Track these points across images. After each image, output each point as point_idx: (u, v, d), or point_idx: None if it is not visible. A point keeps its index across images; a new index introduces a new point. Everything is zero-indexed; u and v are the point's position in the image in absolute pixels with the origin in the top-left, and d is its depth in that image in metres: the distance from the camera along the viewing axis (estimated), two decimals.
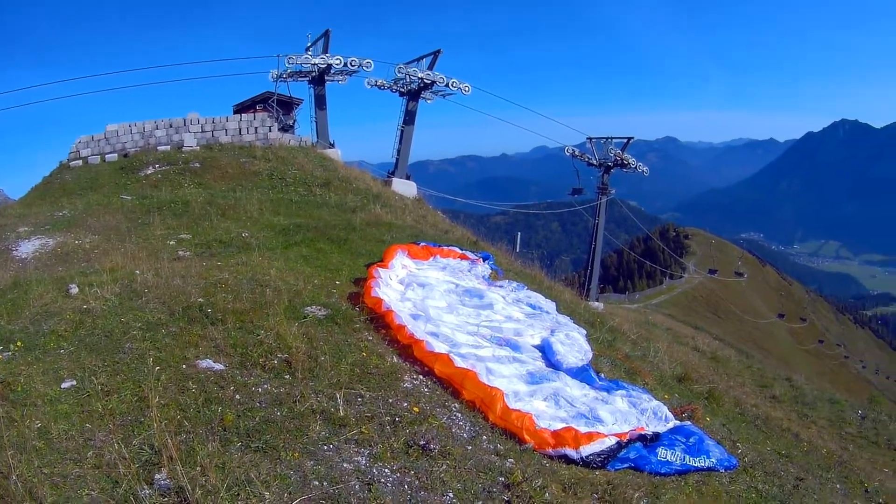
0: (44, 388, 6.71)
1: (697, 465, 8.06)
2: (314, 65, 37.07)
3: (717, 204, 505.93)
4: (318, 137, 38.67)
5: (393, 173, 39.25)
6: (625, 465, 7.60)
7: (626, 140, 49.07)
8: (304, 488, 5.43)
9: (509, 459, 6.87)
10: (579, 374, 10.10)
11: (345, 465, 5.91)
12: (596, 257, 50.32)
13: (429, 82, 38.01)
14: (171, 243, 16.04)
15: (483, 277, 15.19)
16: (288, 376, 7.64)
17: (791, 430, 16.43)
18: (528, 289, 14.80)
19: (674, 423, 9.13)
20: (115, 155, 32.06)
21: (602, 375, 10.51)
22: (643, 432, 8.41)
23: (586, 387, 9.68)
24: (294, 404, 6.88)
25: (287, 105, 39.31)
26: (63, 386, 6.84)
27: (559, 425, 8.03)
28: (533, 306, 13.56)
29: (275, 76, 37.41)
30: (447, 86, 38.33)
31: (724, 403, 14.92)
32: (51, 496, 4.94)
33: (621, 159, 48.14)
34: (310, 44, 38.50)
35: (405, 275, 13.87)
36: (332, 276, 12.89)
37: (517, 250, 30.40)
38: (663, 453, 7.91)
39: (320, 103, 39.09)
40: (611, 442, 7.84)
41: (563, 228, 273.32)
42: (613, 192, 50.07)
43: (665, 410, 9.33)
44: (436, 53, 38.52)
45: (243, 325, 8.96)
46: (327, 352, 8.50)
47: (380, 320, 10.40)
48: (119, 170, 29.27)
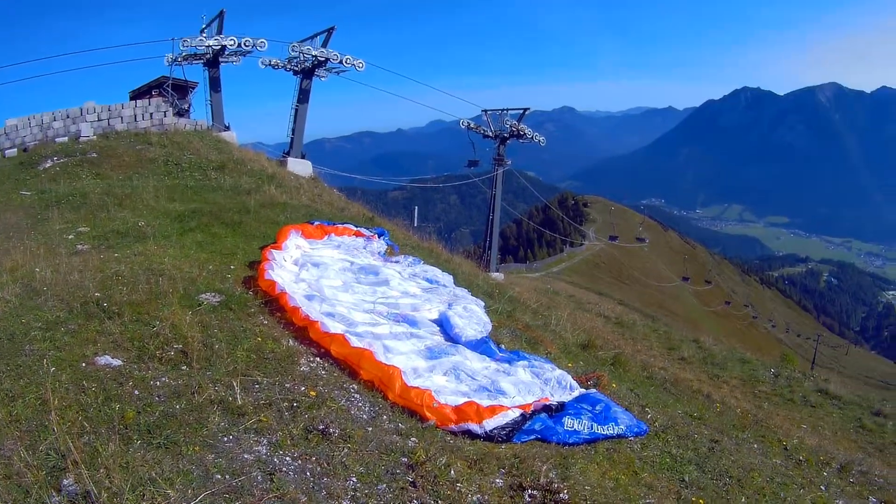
0: None
1: (606, 432, 8.01)
2: (208, 47, 36.35)
3: (617, 171, 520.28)
4: (213, 120, 38.13)
5: (288, 153, 39.18)
6: (531, 437, 7.54)
7: (522, 111, 49.54)
8: (207, 483, 5.29)
9: (412, 438, 6.85)
10: (479, 346, 10.07)
11: (245, 455, 5.82)
12: (494, 228, 50.74)
13: (322, 60, 37.82)
14: (69, 237, 15.54)
15: (379, 254, 15.28)
16: (185, 367, 7.48)
17: (702, 391, 16.69)
18: (425, 263, 14.87)
19: (579, 391, 9.13)
20: (15, 150, 31.17)
21: (503, 347, 10.54)
22: (548, 403, 8.34)
23: (487, 359, 9.64)
24: (192, 396, 6.73)
25: (182, 89, 38.49)
26: None
27: (461, 400, 7.94)
28: (430, 280, 13.60)
29: (170, 60, 36.31)
30: (341, 62, 38.15)
31: (631, 368, 15.12)
32: None
33: (517, 130, 48.58)
34: (204, 25, 37.80)
35: (299, 255, 13.76)
36: (227, 260, 12.74)
37: (415, 225, 30.74)
38: (570, 423, 7.81)
39: (215, 86, 38.53)
40: (515, 414, 7.72)
41: (461, 201, 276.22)
42: (510, 162, 50.61)
43: (569, 379, 9.31)
44: (329, 30, 38.36)
45: (140, 317, 8.73)
46: (222, 339, 8.37)
47: (275, 303, 10.27)
48: (19, 165, 28.55)
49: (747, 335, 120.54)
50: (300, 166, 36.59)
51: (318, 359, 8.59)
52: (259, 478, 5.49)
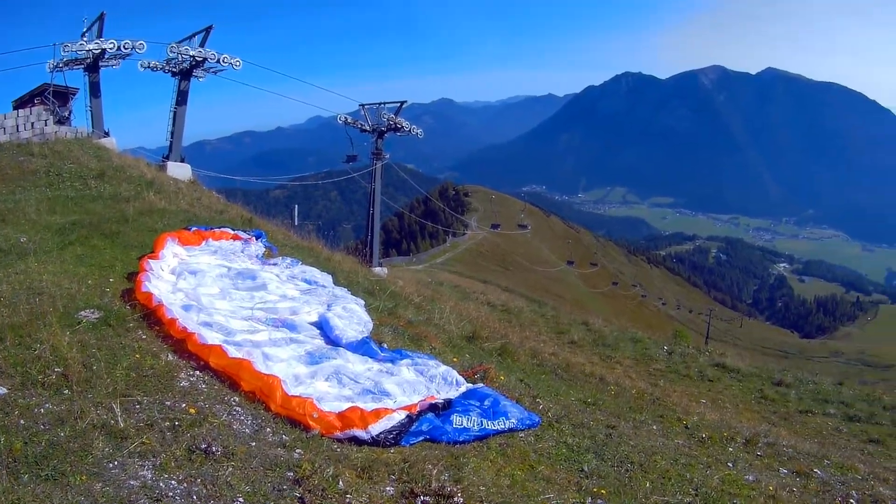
0: None
1: (497, 427, 7.93)
2: (89, 51, 35.49)
3: (497, 160, 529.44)
4: (93, 127, 37.09)
5: (167, 157, 38.75)
6: (419, 439, 7.43)
7: (399, 104, 49.90)
8: None
9: (297, 450, 6.70)
10: (360, 347, 9.94)
11: (131, 481, 5.58)
12: (375, 223, 51.00)
13: (200, 60, 37.63)
14: None
15: (257, 257, 15.12)
16: (67, 391, 7.07)
17: (595, 374, 16.77)
18: (303, 263, 14.81)
19: (466, 386, 9.07)
20: None
21: (385, 346, 10.49)
22: (434, 401, 8.24)
23: (369, 360, 9.53)
24: (76, 421, 6.35)
25: (63, 96, 37.29)
26: None
27: (345, 405, 7.78)
28: (308, 281, 13.50)
29: (51, 66, 35.51)
30: (218, 62, 38.05)
31: (520, 357, 15.16)
32: None
33: (395, 123, 48.90)
34: (85, 28, 36.81)
35: (176, 264, 13.31)
36: (106, 273, 12.19)
37: (295, 224, 30.54)
38: (458, 420, 7.75)
39: (94, 91, 37.59)
40: (400, 416, 7.61)
41: (342, 197, 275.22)
42: (388, 156, 50.95)
43: (455, 375, 9.28)
44: (207, 29, 38.17)
45: (22, 340, 8.20)
46: (102, 359, 7.92)
47: (153, 316, 9.87)
48: None
49: (638, 314, 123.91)
50: (179, 170, 35.99)
51: (197, 372, 8.28)
52: None
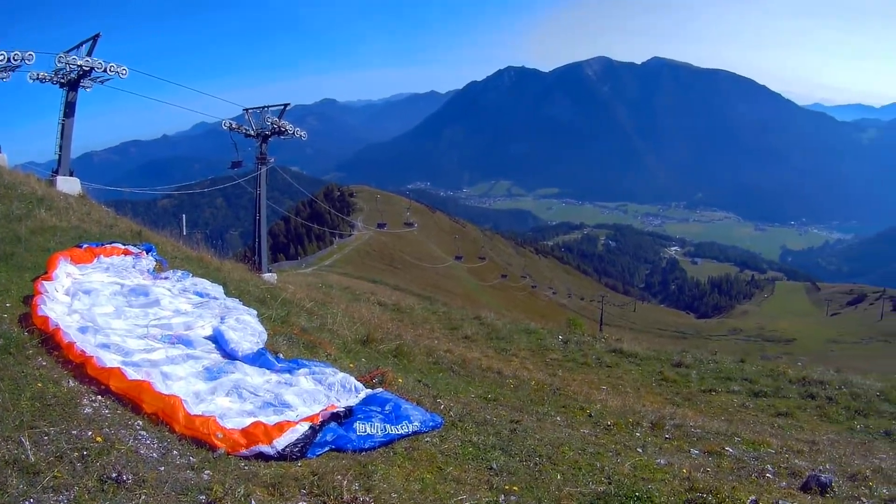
0: None
1: (401, 432, 8.00)
2: None
3: (380, 159, 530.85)
4: None
5: (57, 171, 36.79)
6: (325, 450, 7.45)
7: (282, 107, 49.24)
8: None
9: (206, 472, 6.59)
10: (257, 359, 9.94)
11: None
12: (262, 228, 50.24)
13: (87, 69, 35.89)
14: None
15: (148, 271, 14.77)
16: None
17: (492, 368, 16.90)
18: (194, 275, 14.56)
19: (365, 392, 9.19)
20: None
21: (280, 356, 10.52)
22: (336, 410, 8.31)
23: (267, 372, 9.54)
24: None
25: None
26: None
27: (248, 421, 7.76)
28: (200, 294, 13.27)
29: None
30: (105, 71, 36.37)
31: (416, 357, 15.29)
32: None
33: (279, 127, 48.30)
34: None
35: (70, 283, 12.77)
36: (2, 298, 11.58)
37: (184, 233, 29.88)
38: (362, 428, 7.80)
39: None
40: (304, 428, 7.67)
41: (228, 203, 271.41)
42: (273, 160, 50.33)
43: (353, 381, 9.39)
44: (95, 38, 36.47)
45: None
46: (5, 389, 7.59)
47: (51, 341, 9.46)
48: None
49: (529, 305, 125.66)
50: (68, 185, 34.67)
51: (100, 397, 7.97)
52: None
